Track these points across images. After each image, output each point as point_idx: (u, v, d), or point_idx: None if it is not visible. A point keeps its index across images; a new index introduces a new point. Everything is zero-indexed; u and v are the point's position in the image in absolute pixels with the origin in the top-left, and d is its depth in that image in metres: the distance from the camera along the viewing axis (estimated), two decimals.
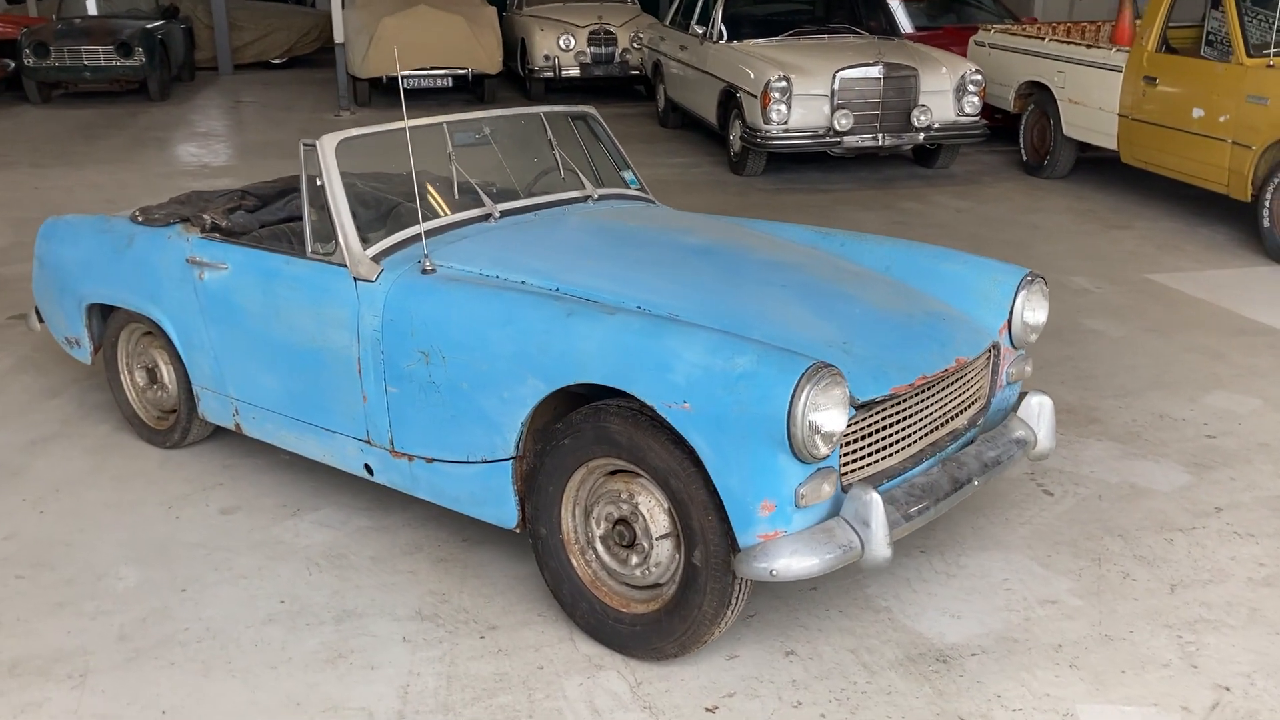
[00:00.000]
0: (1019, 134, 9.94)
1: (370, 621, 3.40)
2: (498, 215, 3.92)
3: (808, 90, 9.17)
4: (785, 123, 9.19)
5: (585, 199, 4.25)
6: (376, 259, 3.62)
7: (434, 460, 3.51)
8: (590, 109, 4.60)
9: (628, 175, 4.54)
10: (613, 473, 3.16)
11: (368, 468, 3.74)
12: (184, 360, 4.24)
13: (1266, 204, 7.11)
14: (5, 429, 4.79)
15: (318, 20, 18.09)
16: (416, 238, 3.69)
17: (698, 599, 2.98)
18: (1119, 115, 8.52)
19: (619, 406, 3.05)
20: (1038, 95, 9.65)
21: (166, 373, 4.47)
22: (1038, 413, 3.60)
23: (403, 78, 4.34)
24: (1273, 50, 7.22)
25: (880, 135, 9.31)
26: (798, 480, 2.81)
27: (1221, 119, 7.45)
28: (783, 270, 3.63)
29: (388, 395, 3.55)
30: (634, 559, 3.13)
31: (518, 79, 14.80)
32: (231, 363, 4.06)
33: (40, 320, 4.97)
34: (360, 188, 3.85)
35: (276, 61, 17.95)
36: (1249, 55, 7.31)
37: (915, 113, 9.26)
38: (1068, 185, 9.38)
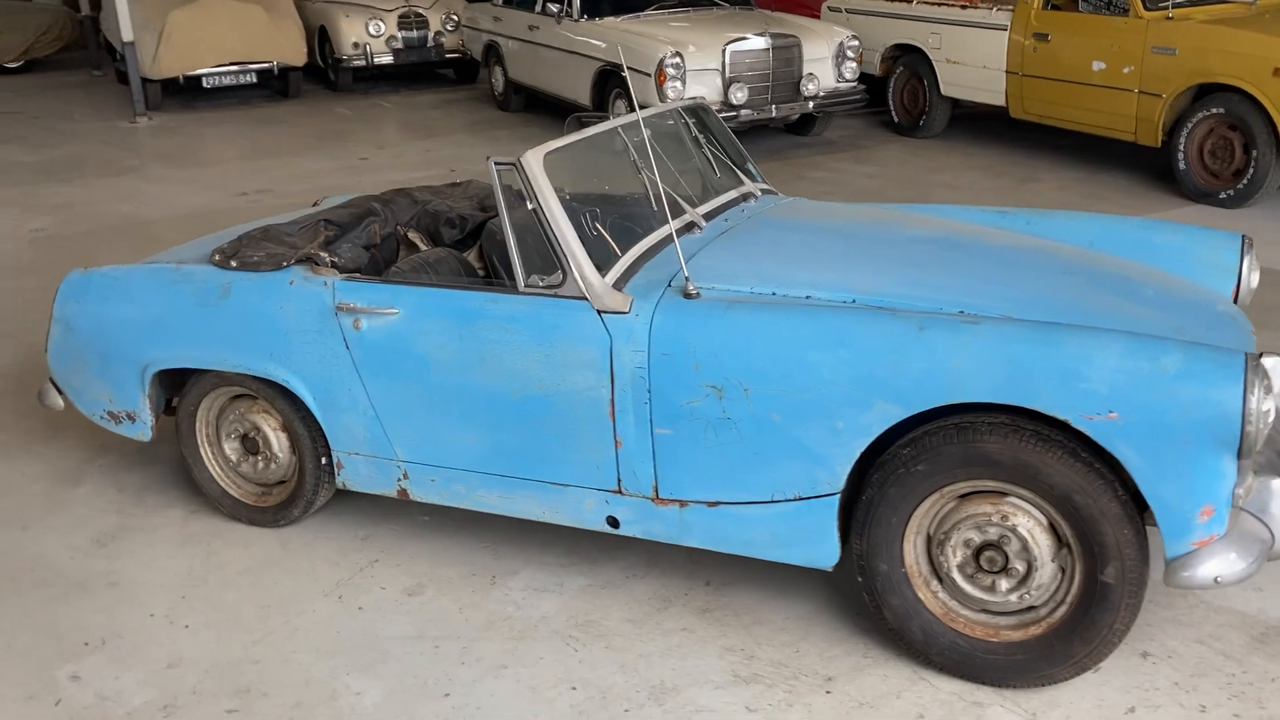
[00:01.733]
0: (887, 96, 10.16)
1: (694, 694, 3.02)
2: (703, 225, 3.56)
3: (700, 65, 9.00)
4: (681, 99, 8.97)
5: (746, 197, 3.95)
6: (616, 286, 3.20)
7: (719, 504, 3.15)
8: (702, 100, 4.26)
9: (750, 167, 4.24)
10: (964, 495, 2.93)
11: (612, 520, 3.32)
12: (322, 424, 3.63)
13: (1181, 148, 7.56)
14: (50, 532, 3.97)
15: (57, 17, 16.22)
16: (641, 260, 3.31)
17: (1108, 617, 2.81)
18: (1007, 72, 8.84)
19: (990, 424, 2.81)
20: (907, 58, 9.89)
21: (275, 441, 3.82)
22: (1275, 374, 3.61)
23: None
24: (1170, 3, 7.66)
25: (772, 106, 9.27)
26: (1234, 479, 2.68)
27: (1126, 70, 7.86)
28: (1040, 256, 3.47)
29: (654, 438, 3.16)
30: (1003, 584, 2.91)
31: (317, 71, 13.82)
32: (402, 421, 3.50)
33: (60, 394, 4.14)
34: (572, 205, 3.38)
35: (11, 65, 15.97)
36: (1147, 9, 7.73)
37: (803, 81, 9.28)
38: (948, 143, 9.68)
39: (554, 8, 10.39)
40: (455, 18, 13.25)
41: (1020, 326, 2.82)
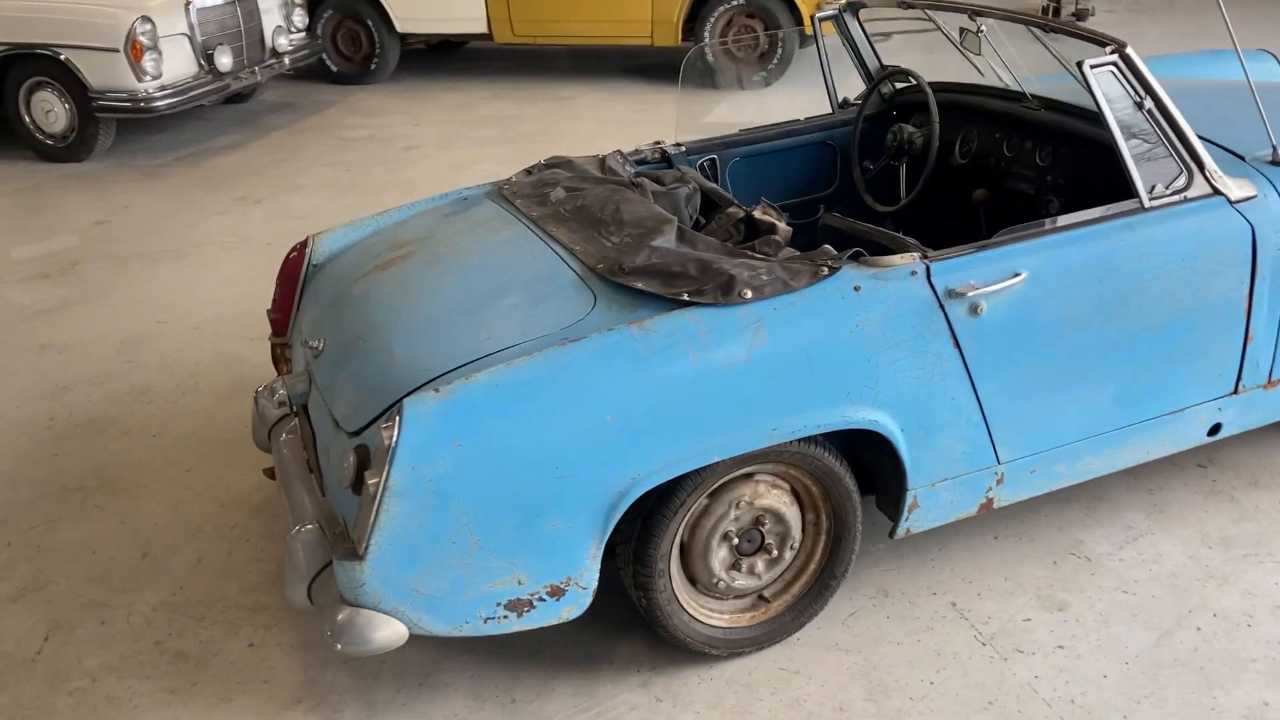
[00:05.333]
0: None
1: None
2: None
3: (169, 30, 7.28)
4: (160, 76, 7.22)
5: None
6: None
7: None
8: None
9: None
10: None
11: (1214, 429, 3.11)
12: (906, 459, 2.69)
13: (706, 38, 8.21)
14: None
15: None
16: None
17: None
18: None
19: None
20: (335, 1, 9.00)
21: (794, 520, 2.73)
22: None
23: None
24: None
25: (256, 70, 7.88)
26: None
27: None
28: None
29: None
30: None
31: None
32: (1013, 413, 2.78)
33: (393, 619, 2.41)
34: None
35: None
36: None
37: (274, 36, 8.02)
38: (420, 83, 9.13)
39: None
40: None
41: None
